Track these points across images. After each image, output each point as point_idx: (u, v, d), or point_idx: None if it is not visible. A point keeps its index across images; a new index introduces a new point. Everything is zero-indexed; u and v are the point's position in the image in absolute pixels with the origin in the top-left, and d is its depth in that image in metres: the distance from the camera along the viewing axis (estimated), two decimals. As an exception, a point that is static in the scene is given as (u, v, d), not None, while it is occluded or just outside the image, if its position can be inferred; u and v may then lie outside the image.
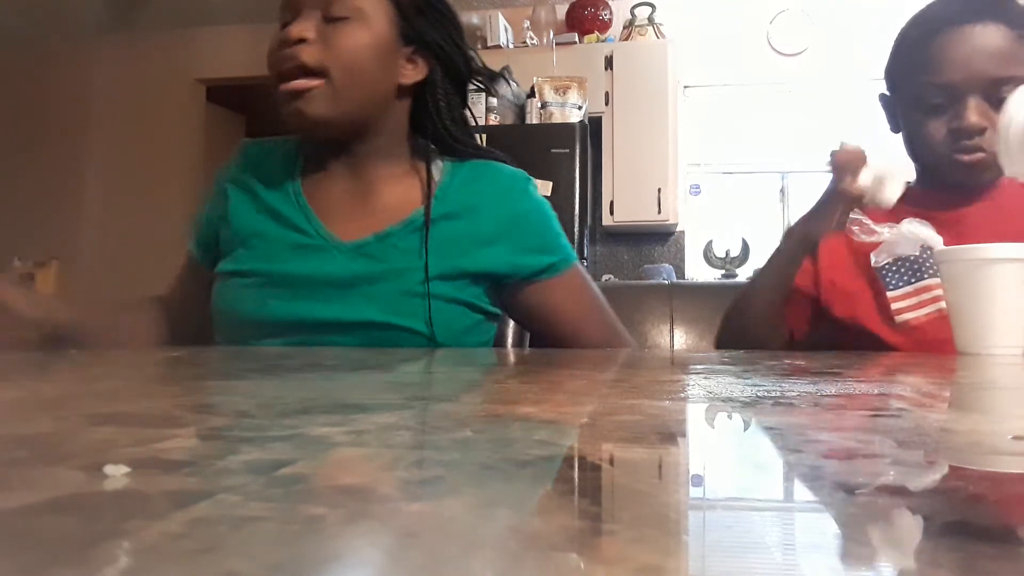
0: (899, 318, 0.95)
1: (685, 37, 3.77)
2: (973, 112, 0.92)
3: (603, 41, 3.70)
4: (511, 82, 3.43)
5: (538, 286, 0.90)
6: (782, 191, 3.91)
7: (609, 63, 3.59)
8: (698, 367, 0.54)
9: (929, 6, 1.00)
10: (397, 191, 0.90)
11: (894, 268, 0.98)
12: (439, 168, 0.91)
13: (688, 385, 0.41)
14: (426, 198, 0.88)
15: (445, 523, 0.13)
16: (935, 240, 0.81)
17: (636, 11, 3.73)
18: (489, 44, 3.75)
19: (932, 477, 0.19)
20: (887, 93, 1.08)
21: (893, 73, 1.05)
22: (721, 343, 1.08)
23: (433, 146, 0.92)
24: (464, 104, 0.96)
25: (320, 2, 0.82)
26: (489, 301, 0.91)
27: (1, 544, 0.12)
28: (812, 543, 0.13)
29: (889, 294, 0.98)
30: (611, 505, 0.16)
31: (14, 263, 3.92)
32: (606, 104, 3.57)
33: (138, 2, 3.98)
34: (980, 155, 0.93)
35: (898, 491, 0.17)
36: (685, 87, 3.82)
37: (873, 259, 0.95)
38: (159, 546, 0.11)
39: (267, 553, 0.11)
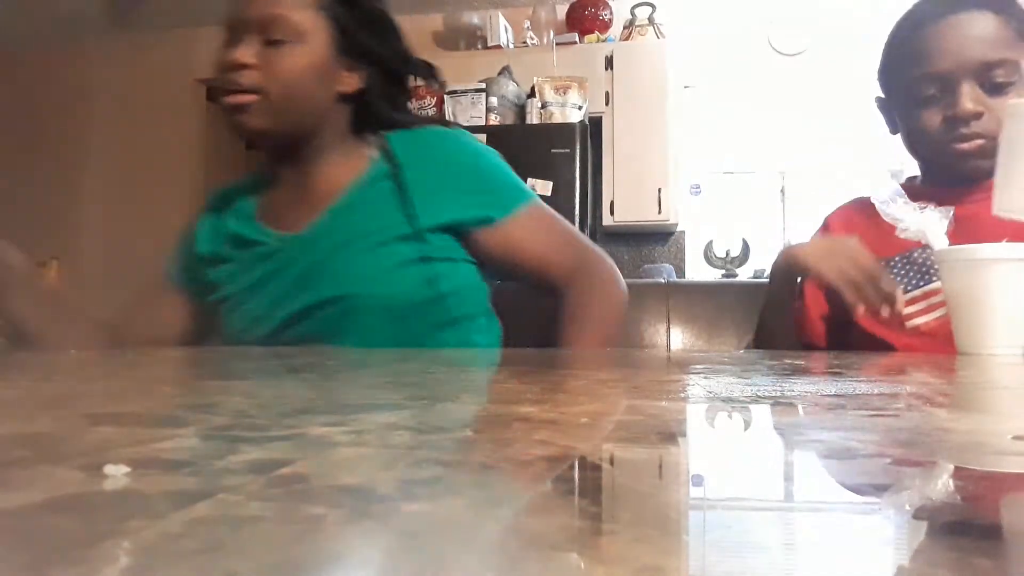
0: (909, 323, 0.94)
1: (685, 37, 3.77)
2: (967, 99, 0.92)
3: (603, 41, 3.69)
4: (511, 82, 3.43)
5: (495, 231, 0.91)
6: (782, 191, 3.91)
7: (609, 63, 3.58)
8: (698, 367, 0.54)
9: (916, 4, 1.01)
10: (336, 176, 0.93)
11: (903, 272, 0.97)
12: (379, 145, 0.95)
13: (688, 385, 0.40)
14: (391, 163, 0.91)
15: (445, 523, 0.13)
16: (938, 241, 0.80)
17: (636, 11, 3.73)
18: (489, 44, 3.74)
19: (932, 477, 0.19)
20: (882, 96, 1.08)
21: (886, 73, 1.06)
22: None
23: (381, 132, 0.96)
24: (408, 98, 1.01)
25: (260, 25, 0.85)
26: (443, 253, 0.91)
27: (1, 544, 0.12)
28: (812, 543, 0.13)
29: None
30: (611, 505, 0.16)
31: (14, 263, 3.92)
32: (606, 104, 3.57)
33: (138, 2, 3.98)
34: (979, 142, 0.92)
35: (898, 491, 0.17)
36: (685, 87, 3.82)
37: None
38: (159, 546, 0.11)
39: (267, 553, 0.11)
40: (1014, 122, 0.78)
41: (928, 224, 0.81)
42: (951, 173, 0.97)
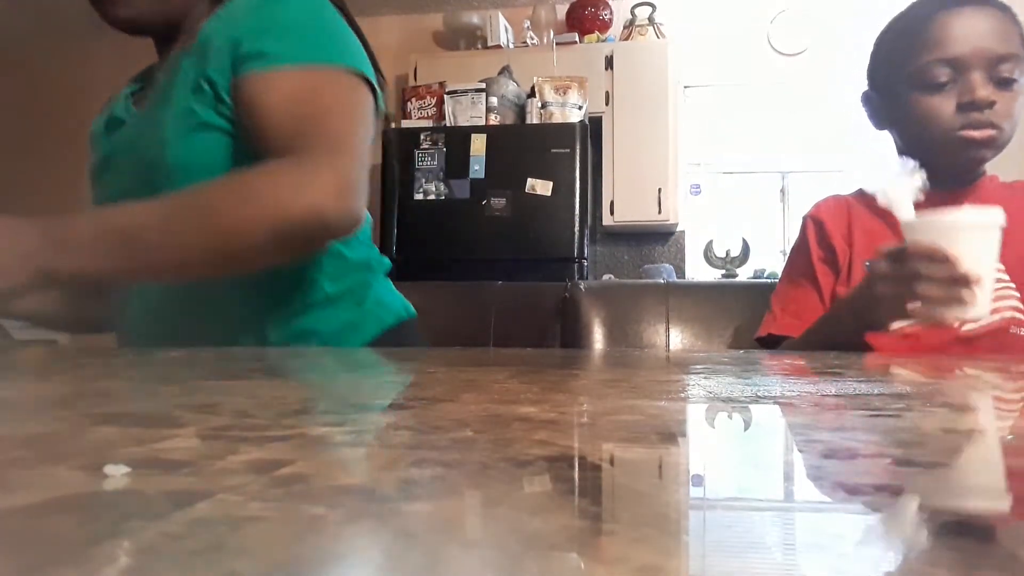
0: (893, 325, 0.94)
1: (685, 37, 3.76)
2: (981, 86, 0.92)
3: (603, 41, 3.69)
4: (512, 82, 3.43)
5: (249, 80, 0.73)
6: (782, 191, 3.91)
7: (609, 63, 3.58)
8: (698, 367, 0.54)
9: (915, 3, 1.02)
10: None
11: None
12: None
13: (688, 385, 0.40)
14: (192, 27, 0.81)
15: (445, 523, 0.13)
16: (903, 211, 0.79)
17: (636, 11, 3.72)
18: (489, 44, 3.74)
19: (932, 477, 0.19)
20: (871, 91, 1.08)
21: (884, 63, 1.05)
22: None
23: None
24: None
25: None
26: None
27: (1, 544, 0.12)
28: (812, 543, 0.13)
29: None
30: (611, 505, 0.16)
31: (14, 263, 3.92)
32: (606, 104, 3.56)
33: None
34: (990, 132, 0.92)
35: (898, 491, 0.17)
36: (685, 87, 3.82)
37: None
38: (159, 546, 0.11)
39: (267, 553, 0.11)
40: (911, 237, 0.77)
41: (895, 190, 0.79)
42: (953, 162, 0.96)
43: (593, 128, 3.53)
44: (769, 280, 3.18)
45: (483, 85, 3.35)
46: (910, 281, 0.77)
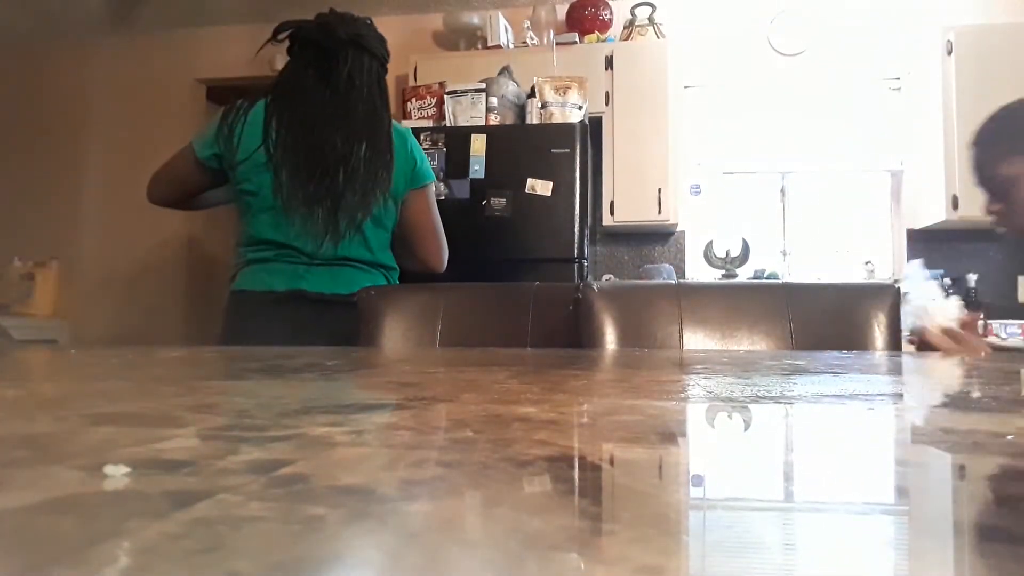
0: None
1: (685, 37, 3.77)
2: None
3: (603, 41, 3.69)
4: (512, 82, 3.43)
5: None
6: (782, 191, 3.91)
7: (609, 63, 3.58)
8: (698, 367, 0.54)
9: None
10: None
11: None
12: None
13: (688, 385, 0.40)
14: None
15: (445, 523, 0.13)
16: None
17: (636, 11, 3.72)
18: (489, 44, 3.74)
19: (932, 477, 0.19)
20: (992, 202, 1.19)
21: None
22: None
23: None
24: None
25: None
26: None
27: (1, 543, 0.12)
28: (812, 543, 0.13)
29: None
30: (611, 505, 0.16)
31: (14, 263, 3.92)
32: (606, 104, 3.56)
33: (138, 2, 3.98)
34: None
35: (898, 491, 0.17)
36: (685, 87, 3.82)
37: None
38: (159, 546, 0.11)
39: (267, 553, 0.11)
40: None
41: (937, 308, 0.96)
42: None
43: (593, 128, 3.53)
44: (774, 280, 3.17)
45: (483, 85, 3.35)
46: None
